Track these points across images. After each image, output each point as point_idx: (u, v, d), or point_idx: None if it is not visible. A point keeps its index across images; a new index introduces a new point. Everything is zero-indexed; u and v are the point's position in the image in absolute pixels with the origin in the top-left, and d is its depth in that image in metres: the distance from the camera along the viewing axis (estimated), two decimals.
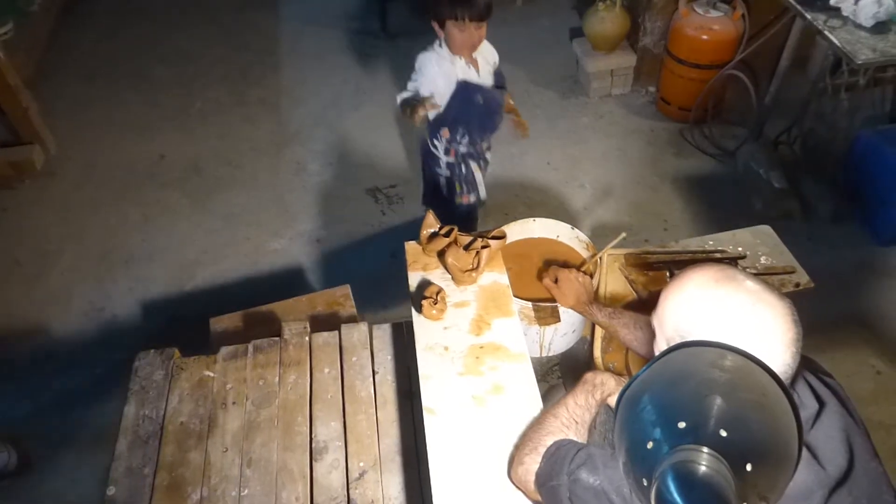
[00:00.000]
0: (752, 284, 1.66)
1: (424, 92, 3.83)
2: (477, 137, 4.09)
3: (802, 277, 3.30)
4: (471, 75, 3.90)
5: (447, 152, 4.15)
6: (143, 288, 4.88)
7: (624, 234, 3.37)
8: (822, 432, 1.65)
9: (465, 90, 3.86)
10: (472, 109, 3.94)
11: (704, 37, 5.33)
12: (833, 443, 1.66)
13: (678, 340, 1.66)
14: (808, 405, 1.71)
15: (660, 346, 1.76)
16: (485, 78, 4.00)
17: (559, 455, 1.93)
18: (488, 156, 4.32)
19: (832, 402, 1.75)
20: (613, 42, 5.97)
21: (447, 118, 3.94)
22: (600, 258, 3.35)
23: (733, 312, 1.61)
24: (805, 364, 1.68)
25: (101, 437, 3.73)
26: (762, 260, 3.36)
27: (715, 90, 5.53)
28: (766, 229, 3.54)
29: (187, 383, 2.90)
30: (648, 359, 1.71)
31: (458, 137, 4.05)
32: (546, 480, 1.93)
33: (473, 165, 4.20)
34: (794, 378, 1.68)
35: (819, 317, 4.34)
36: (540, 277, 3.35)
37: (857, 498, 1.63)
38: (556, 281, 3.12)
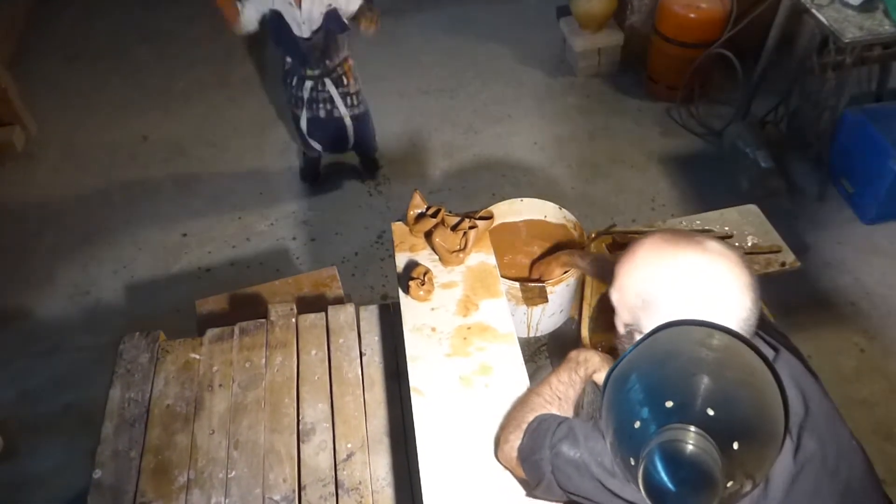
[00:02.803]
0: (701, 238, 1.71)
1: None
2: (298, 68, 4.60)
3: (788, 256, 3.32)
4: (288, 10, 4.23)
5: (288, 74, 4.69)
6: (127, 271, 4.89)
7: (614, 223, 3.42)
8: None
9: (277, 22, 4.23)
10: (288, 42, 4.40)
11: (692, 15, 5.33)
12: (788, 389, 1.69)
13: (640, 305, 1.71)
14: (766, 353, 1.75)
15: (622, 318, 1.80)
16: (308, 16, 4.31)
17: (541, 429, 1.96)
18: (339, 98, 4.81)
19: (783, 351, 1.79)
20: (601, 21, 5.95)
21: (272, 41, 4.46)
22: (588, 236, 3.38)
23: (691, 267, 1.66)
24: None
25: (87, 420, 3.73)
26: (749, 239, 3.38)
27: (702, 69, 5.53)
28: (752, 209, 3.56)
29: (173, 366, 2.90)
30: None
31: (286, 61, 4.60)
32: (529, 455, 1.95)
33: (323, 111, 4.79)
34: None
35: (804, 295, 4.38)
36: (530, 259, 3.38)
37: (821, 438, 1.67)
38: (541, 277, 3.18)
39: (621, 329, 1.82)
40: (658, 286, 1.68)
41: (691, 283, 1.64)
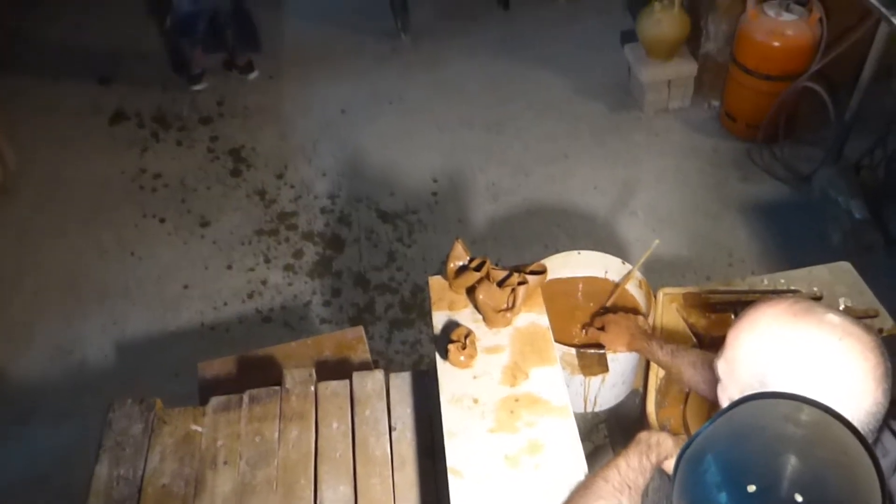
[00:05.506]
0: (834, 317, 1.68)
1: None
2: None
3: (886, 322, 3.30)
4: None
5: None
6: (118, 327, 4.92)
7: (657, 241, 3.41)
8: None
9: None
10: None
11: (776, 43, 5.34)
12: None
13: (756, 386, 1.69)
14: (892, 451, 1.73)
15: (730, 393, 1.78)
16: None
17: None
18: None
19: None
20: (671, 48, 6.00)
21: None
22: (655, 295, 3.37)
23: (820, 348, 1.64)
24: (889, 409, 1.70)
25: (68, 500, 3.75)
26: (841, 302, 3.38)
27: (787, 105, 5.53)
28: (845, 266, 3.54)
29: (171, 439, 2.90)
30: (717, 402, 1.74)
31: None
32: None
33: None
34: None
35: None
36: (585, 323, 3.38)
37: None
38: (602, 328, 3.15)
39: (725, 403, 1.80)
40: (779, 367, 1.67)
41: (819, 368, 1.63)
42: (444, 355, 2.65)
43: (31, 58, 7.17)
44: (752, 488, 1.41)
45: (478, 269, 2.81)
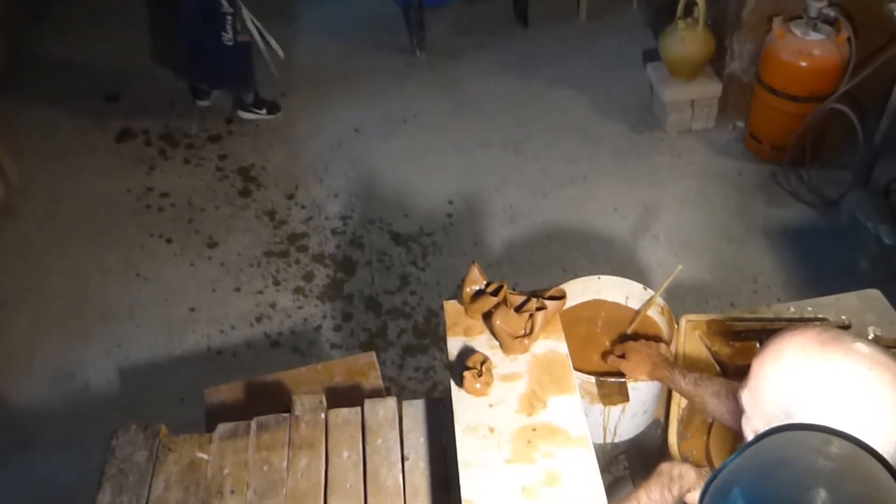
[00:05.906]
0: (863, 346, 1.66)
1: None
2: None
3: None
4: None
5: None
6: (122, 350, 4.92)
7: (680, 267, 3.39)
8: None
9: None
10: None
11: (803, 63, 5.33)
12: None
13: (782, 417, 1.67)
14: None
15: (754, 425, 1.76)
16: None
17: None
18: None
19: None
20: (695, 67, 5.99)
21: None
22: (677, 322, 3.36)
23: (848, 378, 1.61)
24: None
25: None
26: (870, 331, 3.36)
27: (815, 127, 5.51)
28: (874, 294, 3.51)
29: (176, 467, 2.89)
30: (741, 434, 1.72)
31: None
32: None
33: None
34: None
35: None
36: (605, 351, 3.37)
37: None
38: (622, 356, 3.14)
39: (750, 436, 1.78)
40: (806, 399, 1.64)
41: (848, 398, 1.60)
42: (460, 382, 2.64)
43: (36, 73, 7.17)
44: None
45: (495, 293, 2.80)
